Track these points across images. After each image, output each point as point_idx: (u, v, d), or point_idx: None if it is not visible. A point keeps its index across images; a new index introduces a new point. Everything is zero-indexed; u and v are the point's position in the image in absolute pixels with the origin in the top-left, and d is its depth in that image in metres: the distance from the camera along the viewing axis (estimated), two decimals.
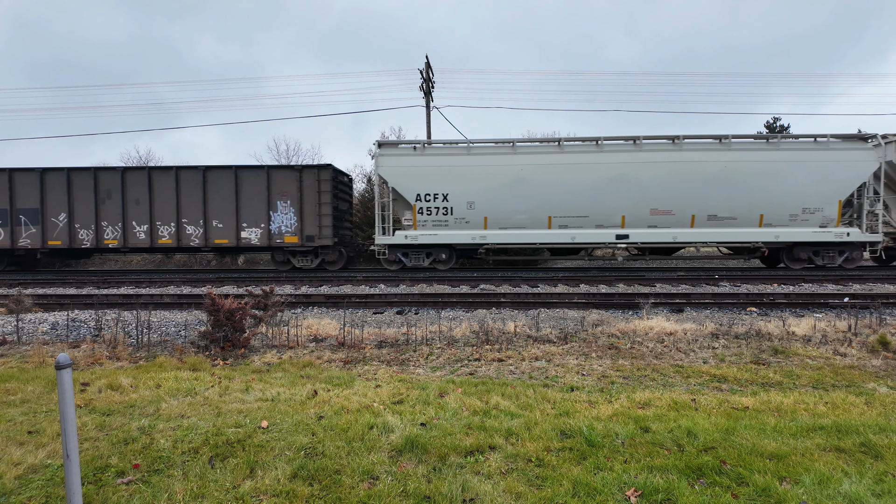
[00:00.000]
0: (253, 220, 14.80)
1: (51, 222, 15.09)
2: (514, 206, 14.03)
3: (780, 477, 2.68)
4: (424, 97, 22.84)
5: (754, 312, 8.13)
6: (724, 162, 13.63)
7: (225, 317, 5.64)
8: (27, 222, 15.11)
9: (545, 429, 3.33)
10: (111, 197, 15.00)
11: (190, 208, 14.85)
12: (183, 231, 14.88)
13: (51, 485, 2.66)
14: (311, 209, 14.74)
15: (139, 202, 14.96)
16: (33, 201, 15.08)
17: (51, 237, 15.07)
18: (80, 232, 15.06)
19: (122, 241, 14.99)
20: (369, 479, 2.70)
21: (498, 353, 5.53)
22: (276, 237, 14.81)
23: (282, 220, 14.80)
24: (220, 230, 14.83)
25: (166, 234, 14.92)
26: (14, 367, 5.08)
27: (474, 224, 14.24)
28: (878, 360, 5.22)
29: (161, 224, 14.95)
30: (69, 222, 15.05)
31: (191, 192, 14.83)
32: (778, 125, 37.80)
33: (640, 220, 13.99)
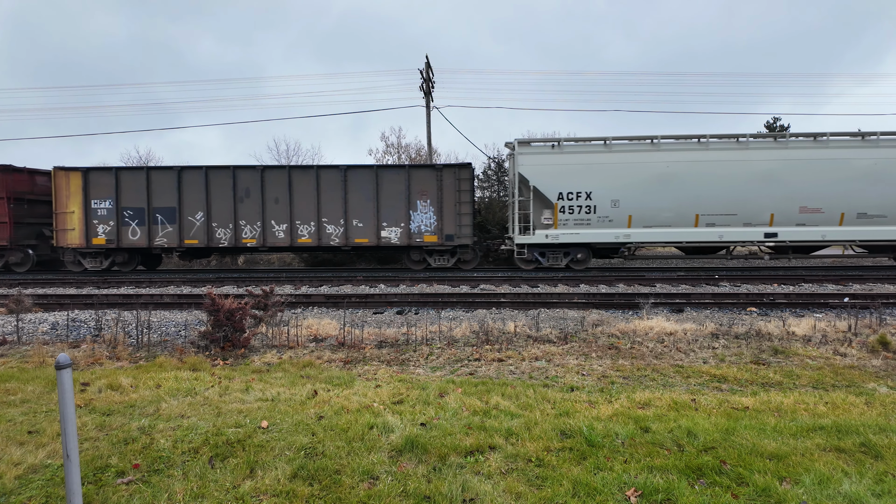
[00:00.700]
0: (393, 219, 14.63)
1: (188, 221, 14.89)
2: (659, 204, 13.78)
3: (780, 477, 2.68)
4: (424, 97, 22.84)
5: (754, 312, 8.13)
6: (873, 159, 13.47)
7: (225, 317, 5.64)
8: (164, 221, 14.91)
9: (545, 429, 3.33)
10: (250, 196, 14.78)
11: (330, 207, 14.67)
12: (323, 230, 14.69)
13: (51, 485, 2.66)
14: (451, 208, 14.55)
15: (278, 201, 14.74)
16: (170, 200, 14.86)
17: (188, 236, 14.87)
18: (218, 231, 14.84)
19: (260, 240, 14.77)
20: (369, 479, 2.70)
21: (498, 353, 5.53)
22: (416, 236, 14.62)
23: (421, 219, 14.64)
24: (360, 229, 14.67)
25: (306, 233, 14.72)
26: (14, 367, 5.09)
27: (618, 222, 13.96)
28: (878, 360, 5.22)
29: (301, 223, 14.75)
30: (206, 221, 14.84)
31: (331, 191, 14.65)
32: (778, 125, 37.79)
33: (788, 219, 13.76)
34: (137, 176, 14.96)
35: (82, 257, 15.31)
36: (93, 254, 15.28)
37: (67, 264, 15.57)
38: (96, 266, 15.32)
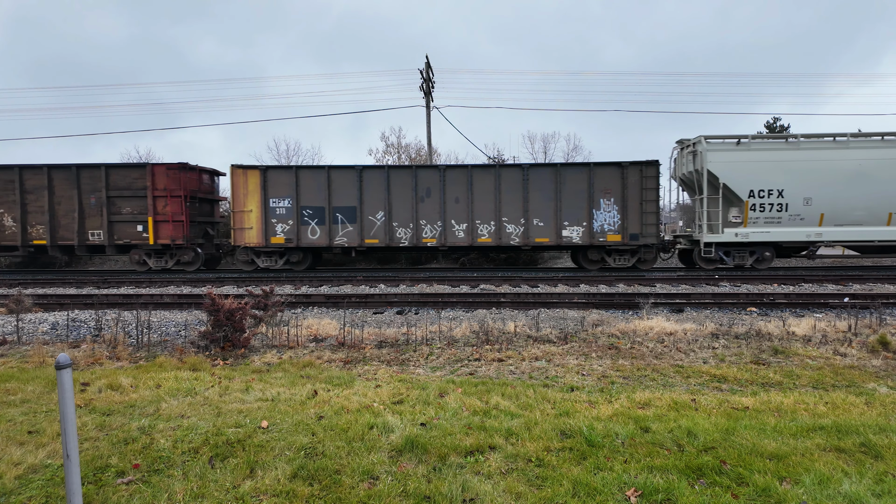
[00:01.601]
0: (574, 218, 14.37)
1: (368, 220, 14.70)
2: (851, 202, 13.66)
3: (780, 477, 2.68)
4: (424, 97, 22.85)
5: (754, 312, 8.13)
6: None
7: (225, 317, 5.64)
8: (344, 220, 14.74)
9: (545, 429, 3.33)
10: (430, 195, 14.61)
11: (510, 207, 14.47)
12: (503, 230, 14.48)
13: (51, 485, 2.66)
14: (635, 207, 14.23)
15: (458, 200, 14.56)
16: (351, 199, 14.69)
17: (368, 235, 14.69)
18: (398, 230, 14.67)
19: (441, 239, 14.59)
20: (369, 479, 2.70)
21: (498, 353, 5.53)
22: (599, 235, 14.36)
23: (604, 218, 14.35)
24: (541, 229, 14.45)
25: (486, 232, 14.53)
26: (14, 367, 5.09)
27: (809, 221, 13.84)
28: (878, 360, 5.22)
29: (481, 223, 14.56)
30: (387, 220, 14.65)
31: (511, 190, 14.45)
32: (778, 125, 37.80)
33: None
34: (318, 175, 14.80)
35: (256, 256, 15.15)
36: (268, 253, 15.13)
37: (240, 263, 15.45)
38: (271, 265, 15.17)
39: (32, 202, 14.95)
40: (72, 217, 14.90)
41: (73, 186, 14.81)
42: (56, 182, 14.89)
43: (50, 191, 14.85)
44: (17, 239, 14.93)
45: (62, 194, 14.92)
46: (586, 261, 15.08)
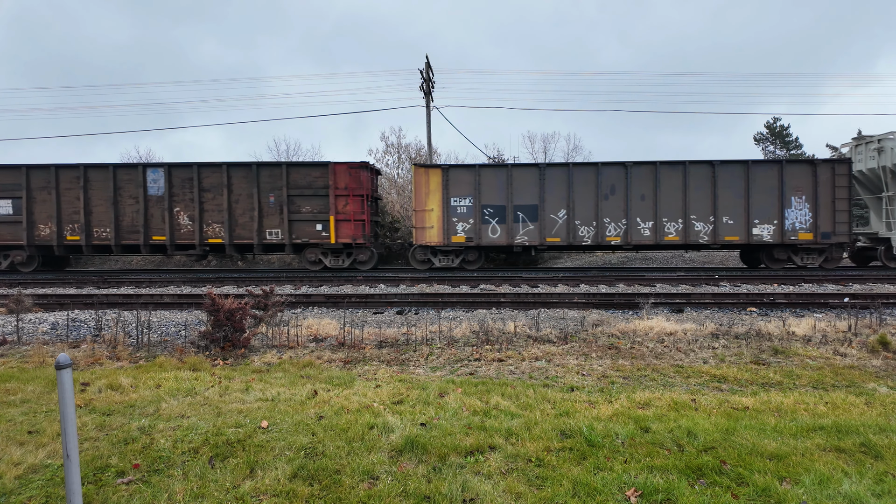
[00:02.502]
0: (765, 216, 14.15)
1: (549, 219, 14.53)
2: None
3: (780, 477, 2.68)
4: (425, 97, 22.84)
5: (754, 312, 8.13)
6: None
7: (225, 317, 5.64)
8: (525, 219, 14.59)
9: (545, 429, 3.33)
10: (615, 193, 14.41)
11: (698, 204, 14.28)
12: (691, 228, 14.31)
13: (51, 485, 2.66)
14: (827, 205, 14.09)
15: (644, 198, 14.36)
16: (532, 197, 14.52)
17: (549, 234, 14.53)
18: (581, 229, 14.49)
19: (625, 237, 14.46)
20: (369, 479, 2.70)
21: (498, 353, 5.53)
22: (790, 234, 14.17)
23: (795, 216, 14.16)
24: (730, 227, 14.26)
25: (673, 230, 14.37)
26: (14, 367, 5.09)
27: None
28: (878, 360, 5.22)
29: (667, 220, 14.39)
30: (569, 219, 14.47)
31: (699, 187, 14.27)
32: (778, 125, 37.80)
33: None
34: (499, 173, 14.70)
35: (433, 255, 15.10)
36: (445, 251, 15.07)
37: (415, 262, 15.37)
38: (448, 263, 15.16)
39: (209, 200, 14.87)
40: (250, 216, 14.83)
41: (252, 185, 14.74)
42: (235, 180, 14.83)
43: (229, 189, 14.76)
44: (194, 238, 14.82)
45: (240, 193, 14.86)
46: (770, 260, 14.79)
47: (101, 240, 15.03)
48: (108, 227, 14.96)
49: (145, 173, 14.89)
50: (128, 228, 14.98)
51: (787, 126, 36.48)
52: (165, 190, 14.82)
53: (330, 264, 15.21)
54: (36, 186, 14.96)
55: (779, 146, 37.72)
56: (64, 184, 14.91)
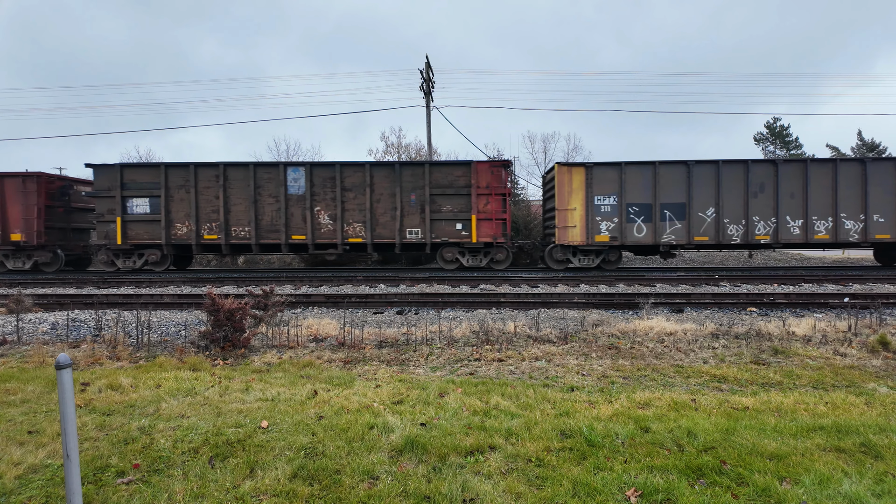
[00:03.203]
0: None
1: (697, 217, 14.35)
2: None
3: (780, 477, 2.68)
4: (424, 97, 22.84)
5: (754, 312, 8.13)
6: None
7: (225, 317, 5.63)
8: (671, 217, 14.42)
9: (545, 429, 3.33)
10: (763, 191, 14.29)
11: (848, 203, 14.23)
12: (840, 226, 14.25)
13: (51, 485, 2.66)
14: None
15: (793, 196, 14.27)
16: (679, 195, 14.36)
17: (697, 233, 14.40)
18: (729, 227, 14.33)
19: (774, 236, 14.35)
20: (369, 479, 2.70)
21: (498, 353, 5.53)
22: None
23: None
24: (881, 225, 14.28)
25: (822, 229, 14.30)
26: (14, 367, 5.08)
27: None
28: (878, 360, 5.22)
29: (817, 219, 14.31)
30: (717, 217, 14.32)
31: (849, 185, 14.21)
32: (778, 125, 37.79)
33: None
34: (644, 171, 14.47)
35: (573, 255, 14.89)
36: (585, 251, 14.87)
37: (552, 262, 15.14)
38: (588, 263, 14.98)
39: (350, 200, 14.79)
40: (391, 215, 14.75)
41: (394, 184, 14.66)
42: (377, 180, 14.74)
43: (371, 188, 14.68)
44: (334, 237, 14.75)
45: (382, 192, 14.77)
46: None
47: (240, 239, 14.92)
48: (246, 226, 14.85)
49: (286, 172, 14.76)
50: (267, 227, 14.87)
51: (788, 126, 36.51)
52: (306, 189, 14.72)
53: (467, 263, 15.06)
54: (174, 185, 14.87)
55: (779, 146, 37.72)
56: (203, 182, 14.82)
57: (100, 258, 15.44)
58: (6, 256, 15.66)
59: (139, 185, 14.91)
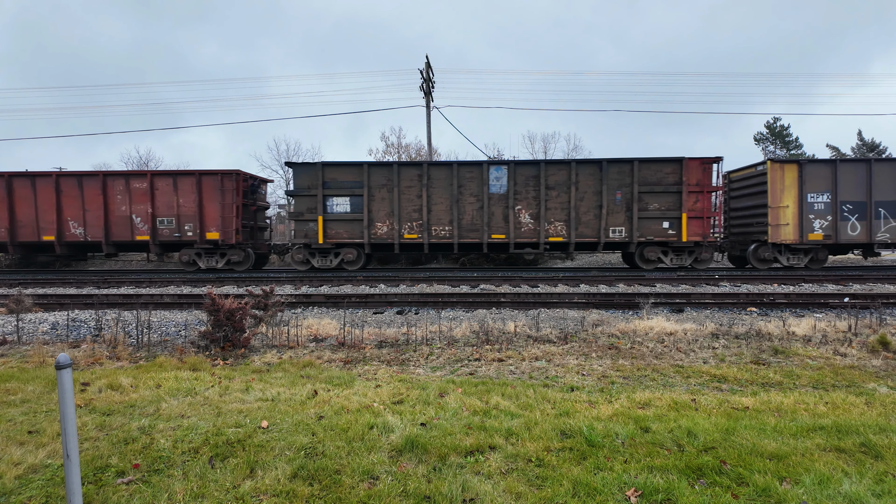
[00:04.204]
0: None
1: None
2: None
3: (781, 477, 2.68)
4: (425, 97, 22.84)
5: (754, 312, 8.13)
6: None
7: (225, 317, 5.63)
8: (886, 216, 14.24)
9: (545, 429, 3.33)
10: None
11: None
12: None
13: (51, 485, 2.66)
14: None
15: None
16: (894, 193, 14.21)
17: None
18: None
19: None
20: (369, 479, 2.70)
21: (498, 353, 5.53)
22: None
23: None
24: None
25: None
26: (14, 367, 5.08)
27: None
28: (878, 360, 5.22)
29: None
30: None
31: None
32: (778, 125, 37.81)
33: None
34: (858, 168, 14.30)
35: (779, 253, 14.57)
36: (795, 250, 14.57)
37: (757, 262, 14.76)
38: (796, 262, 14.68)
39: (553, 198, 14.57)
40: (594, 214, 14.50)
41: (598, 182, 14.43)
42: (581, 178, 14.49)
43: (575, 187, 14.44)
44: (535, 236, 14.63)
45: (586, 190, 14.50)
46: None
47: (440, 238, 14.82)
48: (447, 225, 14.75)
49: (488, 171, 14.60)
50: (467, 227, 14.73)
51: (788, 126, 36.54)
52: (508, 188, 14.57)
53: (670, 263, 14.75)
54: (376, 184, 14.77)
55: (779, 146, 37.74)
56: (405, 181, 14.72)
57: (295, 257, 15.24)
58: (199, 255, 15.45)
59: (340, 184, 14.77)
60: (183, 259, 15.47)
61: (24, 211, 15.33)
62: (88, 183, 15.25)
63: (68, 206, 15.32)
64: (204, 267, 15.46)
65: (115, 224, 15.34)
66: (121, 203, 15.29)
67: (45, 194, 15.25)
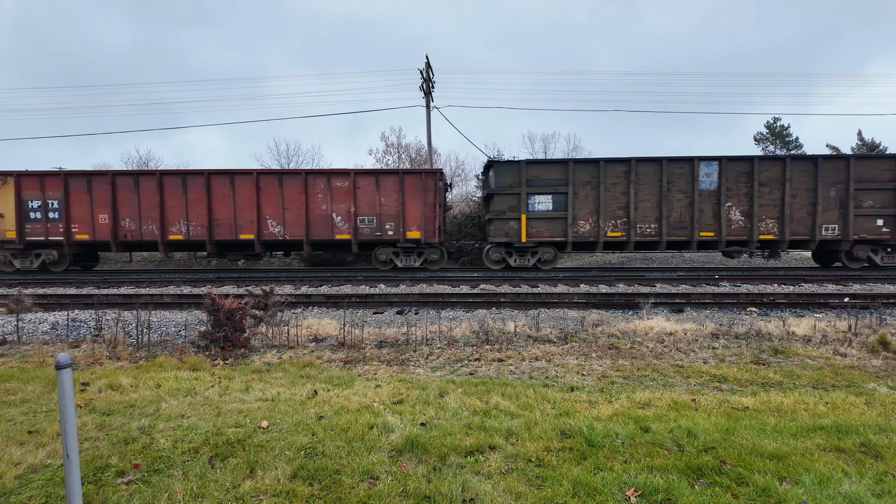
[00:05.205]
0: None
1: None
2: None
3: (780, 477, 2.68)
4: (425, 97, 22.84)
5: (754, 312, 8.13)
6: None
7: (225, 317, 5.64)
8: None
9: (545, 429, 3.33)
10: None
11: None
12: None
13: (51, 485, 2.66)
14: None
15: None
16: None
17: None
18: None
19: None
20: (369, 479, 2.70)
21: (498, 353, 5.53)
22: None
23: None
24: None
25: None
26: (14, 367, 5.08)
27: None
28: (878, 360, 5.22)
29: None
30: None
31: None
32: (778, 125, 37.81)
33: None
34: None
35: None
36: None
37: None
38: None
39: (765, 195, 14.22)
40: (806, 211, 14.23)
41: (812, 179, 14.17)
42: (794, 174, 14.17)
43: (789, 183, 14.14)
44: (746, 234, 14.29)
45: (799, 187, 14.19)
46: None
47: (645, 236, 14.46)
48: (653, 223, 14.39)
49: (698, 167, 14.23)
50: (674, 224, 14.36)
51: (788, 126, 36.55)
52: (719, 184, 14.23)
53: (881, 262, 14.47)
54: (579, 181, 14.40)
55: (779, 146, 37.74)
56: (610, 178, 14.36)
57: (492, 256, 14.97)
58: (396, 254, 15.28)
59: (543, 182, 14.44)
60: (381, 258, 15.21)
61: (222, 209, 15.04)
62: (289, 181, 14.99)
63: (267, 204, 15.02)
64: (401, 266, 15.29)
65: (315, 223, 15.02)
66: (321, 202, 14.98)
67: (243, 192, 14.96)
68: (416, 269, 15.30)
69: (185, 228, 15.09)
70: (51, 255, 15.26)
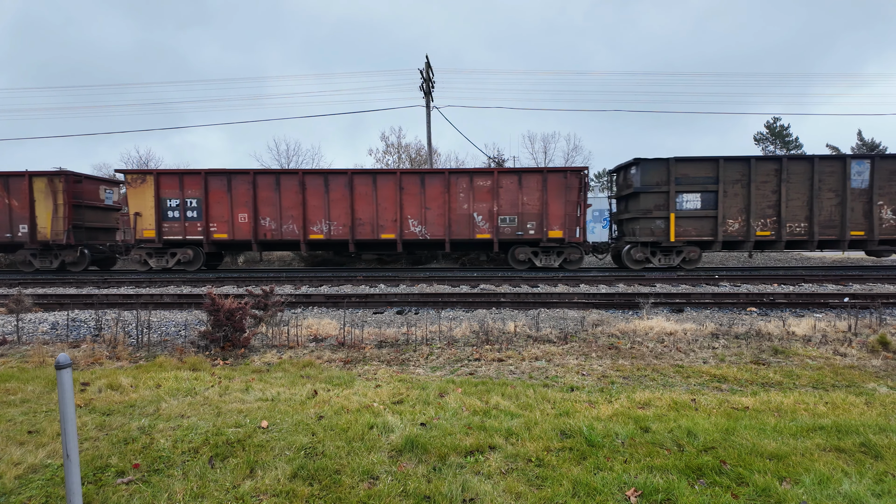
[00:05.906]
0: None
1: None
2: None
3: (780, 477, 2.68)
4: (425, 97, 22.84)
5: (754, 312, 8.13)
6: None
7: (225, 317, 5.63)
8: None
9: (545, 429, 3.33)
10: None
11: None
12: None
13: (51, 485, 2.66)
14: None
15: None
16: None
17: None
18: None
19: None
20: (369, 478, 2.70)
21: (498, 352, 5.53)
22: None
23: None
24: None
25: None
26: (14, 367, 5.08)
27: None
28: (878, 360, 5.22)
29: None
30: None
31: None
32: (778, 125, 37.84)
33: None
34: None
35: None
36: None
37: None
38: None
39: None
40: None
41: None
42: None
43: None
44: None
45: None
46: None
47: (794, 235, 14.31)
48: (803, 222, 14.26)
49: (850, 166, 14.07)
50: (824, 223, 14.21)
51: (787, 126, 36.57)
52: (870, 182, 14.10)
53: None
54: (729, 180, 14.17)
55: (779, 146, 37.75)
56: (760, 177, 14.15)
57: (635, 256, 14.68)
58: (535, 254, 15.15)
59: (691, 180, 14.21)
60: (519, 257, 15.08)
61: (363, 208, 14.96)
62: (431, 180, 14.90)
63: (409, 203, 14.93)
64: (540, 265, 15.16)
65: (456, 222, 14.91)
66: (463, 201, 14.87)
67: (385, 191, 14.87)
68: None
69: (326, 228, 15.00)
70: (186, 255, 15.27)
